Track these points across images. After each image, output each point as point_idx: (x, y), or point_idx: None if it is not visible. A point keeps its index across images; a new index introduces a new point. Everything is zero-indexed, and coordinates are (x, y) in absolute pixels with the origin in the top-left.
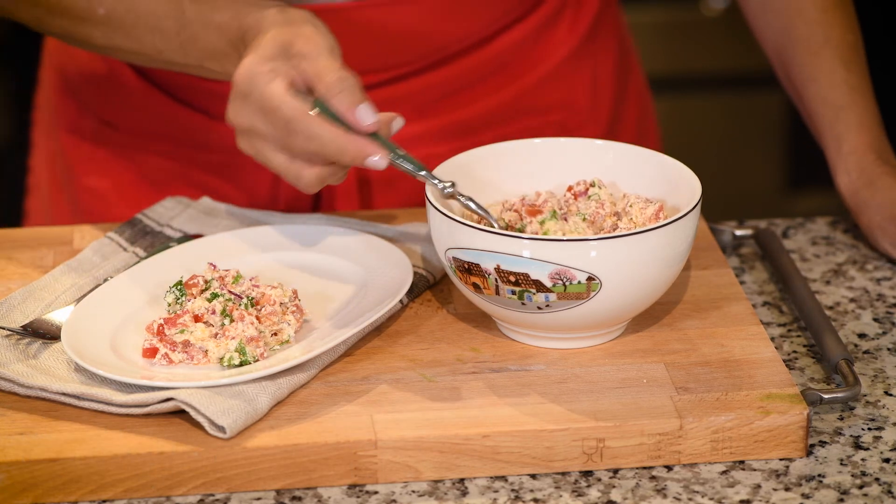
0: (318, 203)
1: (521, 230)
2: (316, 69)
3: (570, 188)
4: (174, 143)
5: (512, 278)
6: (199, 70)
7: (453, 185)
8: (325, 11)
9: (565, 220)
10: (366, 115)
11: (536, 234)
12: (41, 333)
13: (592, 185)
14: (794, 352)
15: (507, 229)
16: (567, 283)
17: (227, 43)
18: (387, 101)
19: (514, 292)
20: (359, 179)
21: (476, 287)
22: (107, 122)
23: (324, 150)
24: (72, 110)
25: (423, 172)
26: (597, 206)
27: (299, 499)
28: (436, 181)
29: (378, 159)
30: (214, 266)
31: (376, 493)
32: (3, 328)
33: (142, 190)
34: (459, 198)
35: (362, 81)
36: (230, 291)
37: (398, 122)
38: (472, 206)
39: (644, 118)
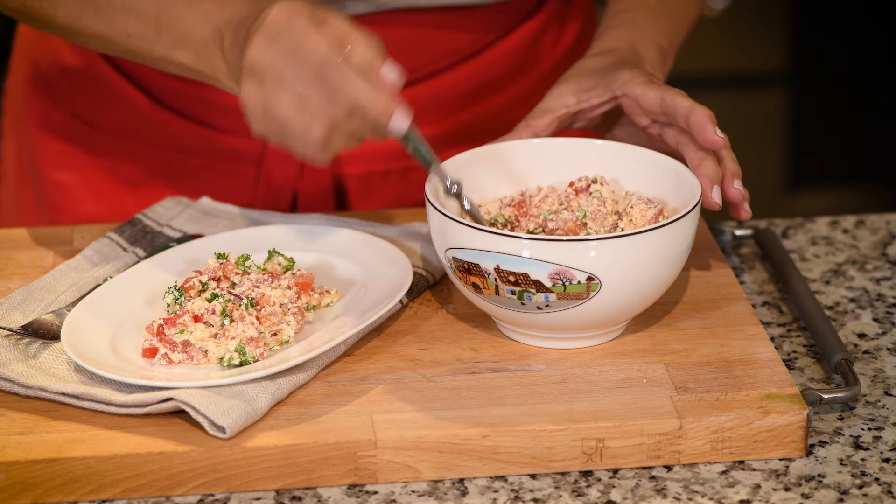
0: (294, 208)
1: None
2: (338, 31)
3: (571, 184)
4: (151, 143)
5: (512, 278)
6: (164, 63)
7: (460, 185)
8: None
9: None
10: (390, 71)
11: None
12: (41, 333)
13: (594, 181)
14: (794, 352)
15: (506, 228)
16: (567, 283)
17: (211, 28)
18: None
19: (513, 292)
20: (336, 186)
21: (476, 287)
22: (80, 117)
23: (354, 96)
24: (43, 104)
25: (434, 164)
26: (598, 203)
27: (299, 499)
28: (447, 180)
29: (401, 119)
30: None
31: (376, 493)
32: (3, 328)
33: (111, 187)
34: (463, 202)
35: None
36: (230, 292)
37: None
38: (474, 213)
39: None
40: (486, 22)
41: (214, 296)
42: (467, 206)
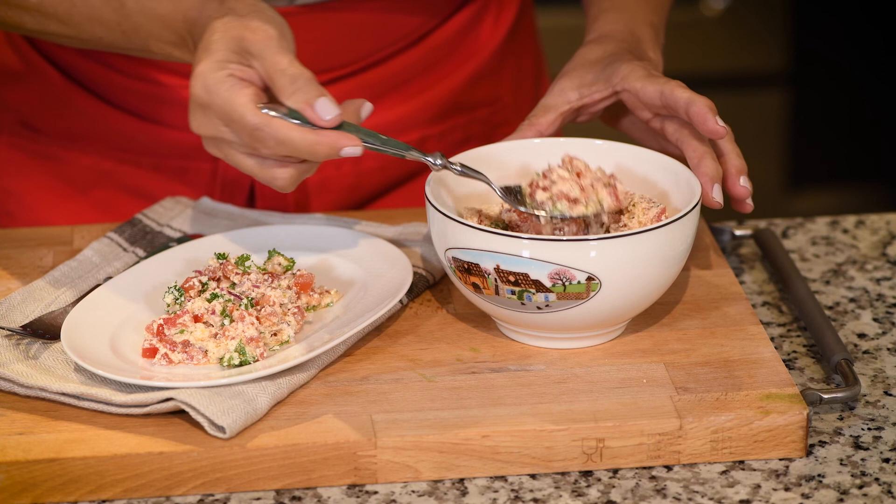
0: (251, 202)
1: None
2: (267, 70)
3: (531, 184)
4: (101, 143)
5: (511, 278)
6: (144, 52)
7: (442, 156)
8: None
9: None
10: (325, 110)
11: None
12: (41, 333)
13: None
14: (794, 352)
15: (507, 230)
16: (567, 283)
17: (172, 33)
18: None
19: (513, 292)
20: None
21: (476, 287)
22: (25, 122)
23: (296, 152)
24: None
25: (410, 152)
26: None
27: (299, 499)
28: (427, 158)
29: (352, 149)
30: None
31: (376, 493)
32: (3, 328)
33: (63, 192)
34: (453, 168)
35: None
36: (230, 292)
37: (367, 109)
38: (469, 172)
39: None
40: (430, 6)
41: (214, 296)
42: (459, 170)
